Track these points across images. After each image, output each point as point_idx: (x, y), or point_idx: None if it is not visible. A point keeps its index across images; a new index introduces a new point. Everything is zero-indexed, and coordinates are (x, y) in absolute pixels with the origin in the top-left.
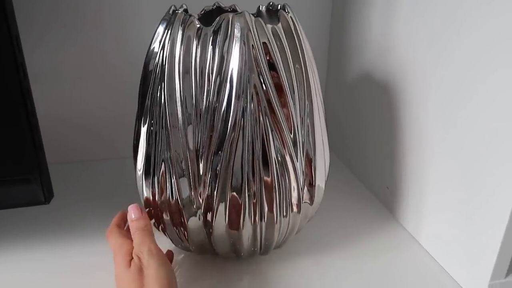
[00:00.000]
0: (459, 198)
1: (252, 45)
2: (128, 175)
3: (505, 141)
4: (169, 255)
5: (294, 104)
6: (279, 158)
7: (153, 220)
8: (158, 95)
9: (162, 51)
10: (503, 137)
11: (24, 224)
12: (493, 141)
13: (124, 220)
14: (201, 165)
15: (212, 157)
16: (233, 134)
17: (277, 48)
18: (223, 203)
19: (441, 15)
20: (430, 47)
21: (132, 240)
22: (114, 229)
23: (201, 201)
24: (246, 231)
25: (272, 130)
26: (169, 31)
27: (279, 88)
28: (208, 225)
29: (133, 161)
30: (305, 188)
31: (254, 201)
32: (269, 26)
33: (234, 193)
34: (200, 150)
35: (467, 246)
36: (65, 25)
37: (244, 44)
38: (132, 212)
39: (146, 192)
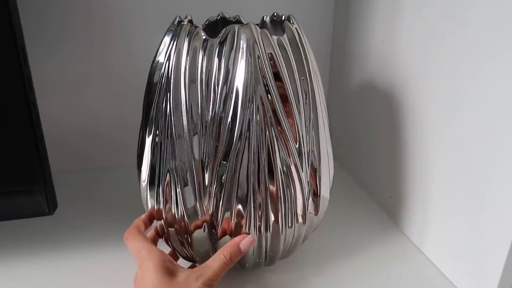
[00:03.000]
0: (464, 207)
1: (258, 56)
2: (133, 184)
3: None
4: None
5: (299, 114)
6: (285, 169)
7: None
8: (164, 105)
9: (168, 61)
10: (510, 144)
11: (28, 235)
12: (499, 148)
13: (145, 224)
14: (206, 176)
15: (218, 168)
16: (239, 144)
17: (282, 59)
18: (228, 214)
19: (442, 21)
20: (432, 53)
21: (156, 246)
22: (135, 232)
23: (206, 211)
24: None
25: (277, 140)
26: (175, 42)
27: (284, 99)
28: (213, 236)
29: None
30: (310, 198)
31: (260, 211)
32: (275, 37)
33: (240, 204)
34: (206, 160)
35: (473, 256)
36: (73, 36)
37: (250, 55)
38: (246, 243)
39: (150, 203)
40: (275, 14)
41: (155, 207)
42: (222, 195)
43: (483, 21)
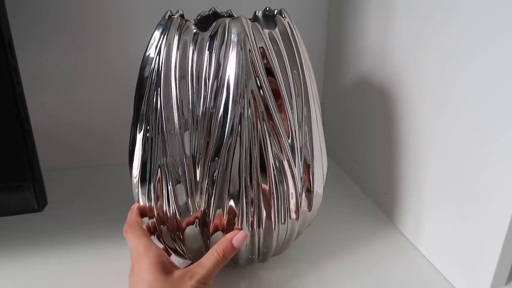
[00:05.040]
0: (458, 204)
1: (249, 49)
2: (125, 181)
3: (505, 148)
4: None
5: (292, 109)
6: (277, 164)
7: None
8: (154, 100)
9: (158, 56)
10: (503, 143)
11: (17, 232)
12: (491, 146)
13: (143, 215)
14: (198, 172)
15: (209, 163)
16: (230, 140)
17: (274, 53)
18: (220, 210)
19: (436, 20)
20: (423, 51)
21: (152, 240)
22: (135, 226)
23: (198, 208)
24: None
25: (269, 136)
26: (165, 36)
27: (276, 93)
28: (205, 232)
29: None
30: (303, 194)
31: (252, 207)
32: (266, 31)
33: (232, 200)
34: (197, 156)
35: (467, 251)
36: (66, 31)
37: (241, 49)
38: (238, 239)
39: (142, 200)
40: (267, 8)
41: (147, 204)
42: (214, 191)
43: (469, 19)
